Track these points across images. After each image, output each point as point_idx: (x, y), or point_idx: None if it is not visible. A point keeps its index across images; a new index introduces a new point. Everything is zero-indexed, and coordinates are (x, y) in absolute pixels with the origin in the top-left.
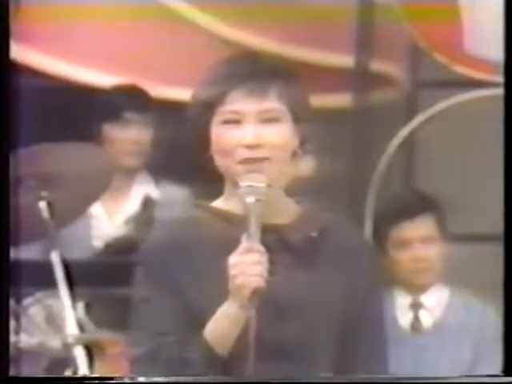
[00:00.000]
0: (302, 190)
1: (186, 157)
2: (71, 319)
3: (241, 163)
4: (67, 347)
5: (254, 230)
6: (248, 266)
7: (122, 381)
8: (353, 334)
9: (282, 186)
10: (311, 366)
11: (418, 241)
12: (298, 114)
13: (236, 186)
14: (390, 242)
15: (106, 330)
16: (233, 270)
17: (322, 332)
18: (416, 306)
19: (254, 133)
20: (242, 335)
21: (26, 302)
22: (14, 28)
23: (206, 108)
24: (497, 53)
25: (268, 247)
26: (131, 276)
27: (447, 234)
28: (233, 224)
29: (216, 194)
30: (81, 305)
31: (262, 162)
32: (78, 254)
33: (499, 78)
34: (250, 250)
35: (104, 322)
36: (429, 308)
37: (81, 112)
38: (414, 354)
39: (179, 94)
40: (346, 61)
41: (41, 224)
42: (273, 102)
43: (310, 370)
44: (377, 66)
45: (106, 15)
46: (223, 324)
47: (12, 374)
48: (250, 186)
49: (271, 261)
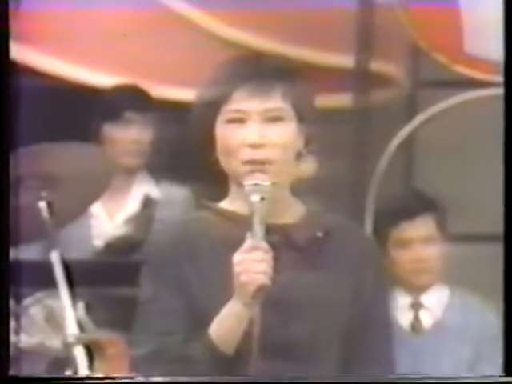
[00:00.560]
0: (304, 191)
1: (186, 157)
2: (71, 319)
3: (245, 162)
4: (67, 347)
5: (258, 228)
6: (252, 263)
7: (121, 381)
8: (358, 333)
9: (287, 185)
10: (315, 366)
11: (418, 241)
12: (302, 114)
13: (241, 186)
14: (390, 242)
15: (106, 329)
16: (237, 268)
17: (327, 332)
18: (416, 306)
19: (258, 132)
20: (247, 334)
21: (26, 302)
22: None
23: (210, 107)
24: (497, 53)
25: (273, 247)
26: (132, 276)
27: (447, 234)
28: (238, 224)
29: (218, 194)
30: (81, 305)
31: (265, 161)
32: (78, 253)
33: (499, 78)
34: (254, 248)
35: (104, 322)
36: (429, 308)
37: (81, 112)
38: (414, 353)
39: (180, 94)
40: (346, 61)
41: (41, 224)
42: (277, 102)
43: (314, 370)
44: (377, 66)
45: (106, 15)
46: (228, 322)
47: (12, 373)
48: (255, 184)
49: (276, 259)
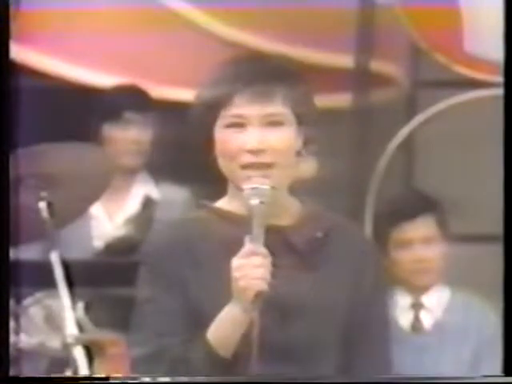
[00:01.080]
0: (303, 191)
1: (186, 157)
2: (71, 319)
3: (245, 168)
4: (67, 347)
5: (257, 232)
6: (251, 268)
7: (121, 381)
8: (357, 335)
9: (286, 188)
10: (314, 368)
11: (419, 241)
12: (301, 117)
13: (239, 188)
14: (391, 242)
15: (106, 330)
16: (236, 273)
17: (326, 333)
18: (416, 306)
19: (257, 137)
20: (245, 337)
21: (26, 302)
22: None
23: (210, 110)
24: (497, 53)
25: (272, 248)
26: (131, 276)
27: (448, 235)
28: (236, 224)
29: (217, 194)
30: (80, 305)
31: (265, 166)
32: (77, 254)
33: (499, 78)
34: (253, 253)
35: (104, 322)
36: (429, 308)
37: (81, 112)
38: (414, 354)
39: (179, 94)
40: (346, 61)
41: (41, 224)
42: (277, 106)
43: (313, 371)
44: (377, 66)
45: (106, 15)
46: (226, 326)
47: (12, 374)
48: (255, 188)
49: (274, 263)
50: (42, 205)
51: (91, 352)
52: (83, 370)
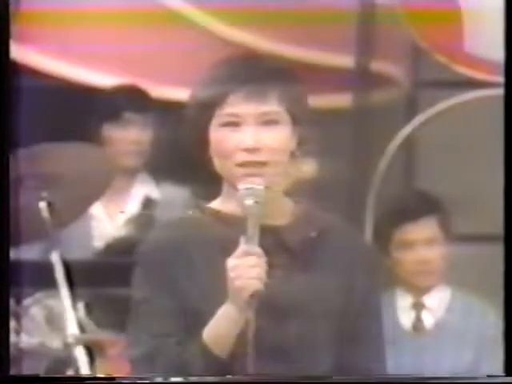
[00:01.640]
0: (303, 192)
1: (186, 157)
2: (71, 319)
3: (240, 166)
4: (67, 347)
5: (252, 232)
6: (246, 268)
7: (122, 381)
8: (351, 334)
9: (282, 188)
10: (310, 367)
11: (422, 242)
12: (296, 116)
13: (234, 188)
14: (394, 243)
15: (107, 330)
16: (231, 273)
17: (321, 333)
18: (418, 306)
19: (253, 136)
20: (241, 337)
21: (27, 302)
22: (14, 28)
23: (204, 110)
24: (497, 53)
25: (266, 248)
26: (131, 276)
27: (450, 236)
28: (230, 225)
29: (216, 194)
30: (81, 305)
31: (261, 165)
32: (78, 254)
33: (499, 78)
34: (248, 253)
35: (104, 322)
36: (431, 308)
37: (81, 112)
38: (415, 353)
39: (179, 94)
40: (346, 61)
41: (41, 224)
42: (272, 105)
43: (308, 371)
44: (377, 66)
45: (106, 15)
46: (222, 326)
47: (12, 373)
48: (249, 188)
49: (270, 263)
50: (43, 205)
51: (92, 352)
52: (84, 370)
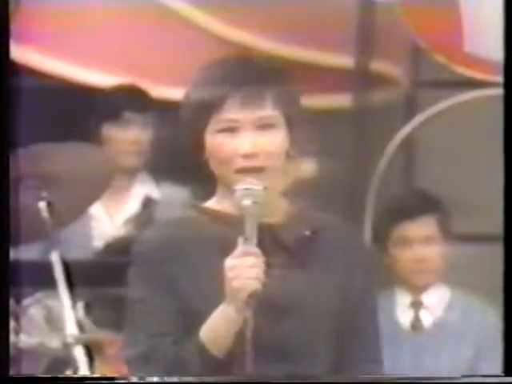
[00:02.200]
0: (303, 191)
1: (186, 157)
2: (71, 319)
3: (238, 172)
4: (67, 347)
5: (250, 232)
6: (244, 269)
7: (122, 381)
8: (347, 333)
9: (279, 188)
10: (307, 366)
11: (419, 241)
12: (290, 117)
13: (230, 189)
14: (392, 241)
15: (106, 330)
16: (229, 273)
17: (318, 332)
18: (416, 305)
19: (250, 141)
20: (239, 337)
21: (26, 302)
22: (14, 28)
23: (200, 114)
24: (496, 53)
25: (261, 246)
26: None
27: (449, 235)
28: (226, 224)
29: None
30: (80, 305)
31: (259, 170)
32: (77, 254)
33: (499, 78)
34: (246, 253)
35: (104, 322)
36: (429, 307)
37: (80, 112)
38: (414, 353)
39: (179, 94)
40: (346, 61)
41: (41, 224)
42: (269, 110)
43: (306, 370)
44: (377, 66)
45: (106, 15)
46: (219, 325)
47: (12, 374)
48: (248, 188)
49: (267, 262)
50: (42, 205)
51: (91, 352)
52: (83, 370)
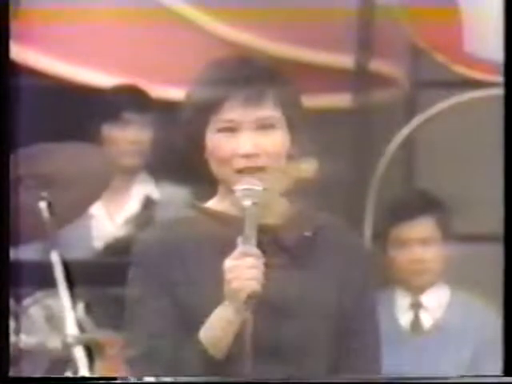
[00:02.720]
0: (303, 192)
1: (185, 157)
2: (71, 319)
3: (238, 172)
4: (67, 347)
5: (249, 233)
6: (244, 269)
7: (122, 381)
8: (346, 333)
9: (279, 189)
10: (306, 366)
11: (418, 242)
12: (291, 118)
13: (230, 189)
14: (390, 242)
15: (106, 330)
16: (228, 274)
17: (317, 332)
18: (416, 305)
19: (250, 141)
20: (238, 337)
21: (26, 302)
22: (14, 28)
23: (200, 114)
24: (497, 53)
25: (261, 247)
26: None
27: (449, 235)
28: (227, 224)
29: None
30: (81, 305)
31: (259, 170)
32: (78, 254)
33: (499, 78)
34: (245, 254)
35: (104, 322)
36: (429, 308)
37: (80, 112)
38: (413, 353)
39: (179, 94)
40: (345, 61)
41: (41, 224)
42: (269, 110)
43: (305, 371)
44: (377, 66)
45: (106, 15)
46: (219, 326)
47: (12, 374)
48: (248, 188)
49: (266, 263)
50: (42, 205)
51: (91, 352)
52: (83, 370)
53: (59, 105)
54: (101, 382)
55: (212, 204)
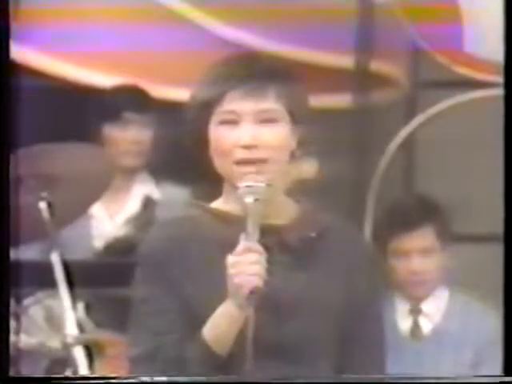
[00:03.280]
0: (304, 192)
1: (186, 157)
2: (71, 319)
3: (238, 164)
4: (67, 347)
5: (252, 229)
6: (246, 265)
7: (121, 381)
8: (351, 334)
9: (282, 186)
10: (309, 366)
11: (417, 252)
12: (296, 115)
13: (234, 187)
14: (389, 251)
15: (106, 330)
16: (231, 270)
17: (320, 332)
18: (415, 311)
19: (251, 133)
20: (241, 335)
21: (26, 302)
22: (14, 28)
23: (203, 108)
24: (497, 53)
25: (267, 248)
26: (131, 276)
27: (448, 241)
28: (231, 224)
29: (217, 194)
30: (81, 305)
31: (259, 162)
32: (78, 254)
33: (499, 79)
34: (248, 250)
35: (104, 323)
36: (428, 314)
37: (81, 112)
38: (413, 359)
39: (179, 94)
40: (346, 61)
41: (41, 224)
42: (271, 103)
43: (308, 370)
44: (377, 66)
45: (106, 15)
46: (222, 323)
47: (12, 374)
48: (249, 185)
49: (270, 262)
50: (43, 205)
51: (91, 352)
52: (83, 370)
53: (59, 105)
54: (100, 382)
55: (217, 204)
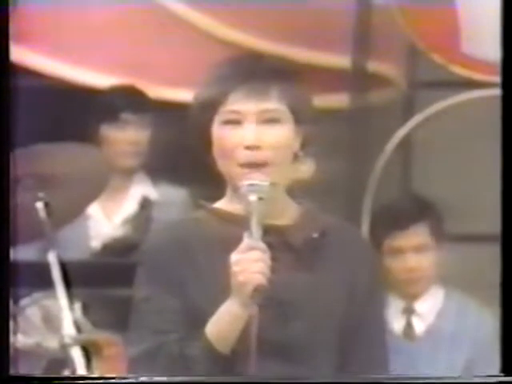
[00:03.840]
0: (302, 192)
1: (184, 157)
2: (68, 320)
3: (242, 165)
4: (64, 348)
5: (255, 228)
6: (250, 263)
7: (120, 381)
8: (353, 334)
9: (284, 186)
10: (311, 366)
11: (412, 250)
12: (299, 115)
13: (237, 187)
14: (384, 249)
15: (103, 330)
16: (235, 268)
17: (323, 332)
18: (409, 311)
19: (254, 133)
20: (244, 333)
21: (24, 302)
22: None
23: (207, 109)
24: (494, 53)
25: (270, 248)
26: (129, 276)
27: (443, 239)
28: (235, 225)
29: (214, 194)
30: (78, 305)
31: (263, 163)
32: (75, 254)
33: (497, 79)
34: (251, 248)
35: (101, 323)
36: (422, 314)
37: (79, 112)
38: (407, 360)
39: (177, 94)
40: (343, 61)
41: (38, 224)
42: (274, 103)
43: (310, 370)
44: (374, 66)
45: (106, 15)
46: (225, 322)
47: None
48: (253, 184)
49: (272, 259)
50: (40, 205)
51: (89, 352)
52: (80, 371)
53: (57, 105)
54: (98, 382)
55: (221, 204)
